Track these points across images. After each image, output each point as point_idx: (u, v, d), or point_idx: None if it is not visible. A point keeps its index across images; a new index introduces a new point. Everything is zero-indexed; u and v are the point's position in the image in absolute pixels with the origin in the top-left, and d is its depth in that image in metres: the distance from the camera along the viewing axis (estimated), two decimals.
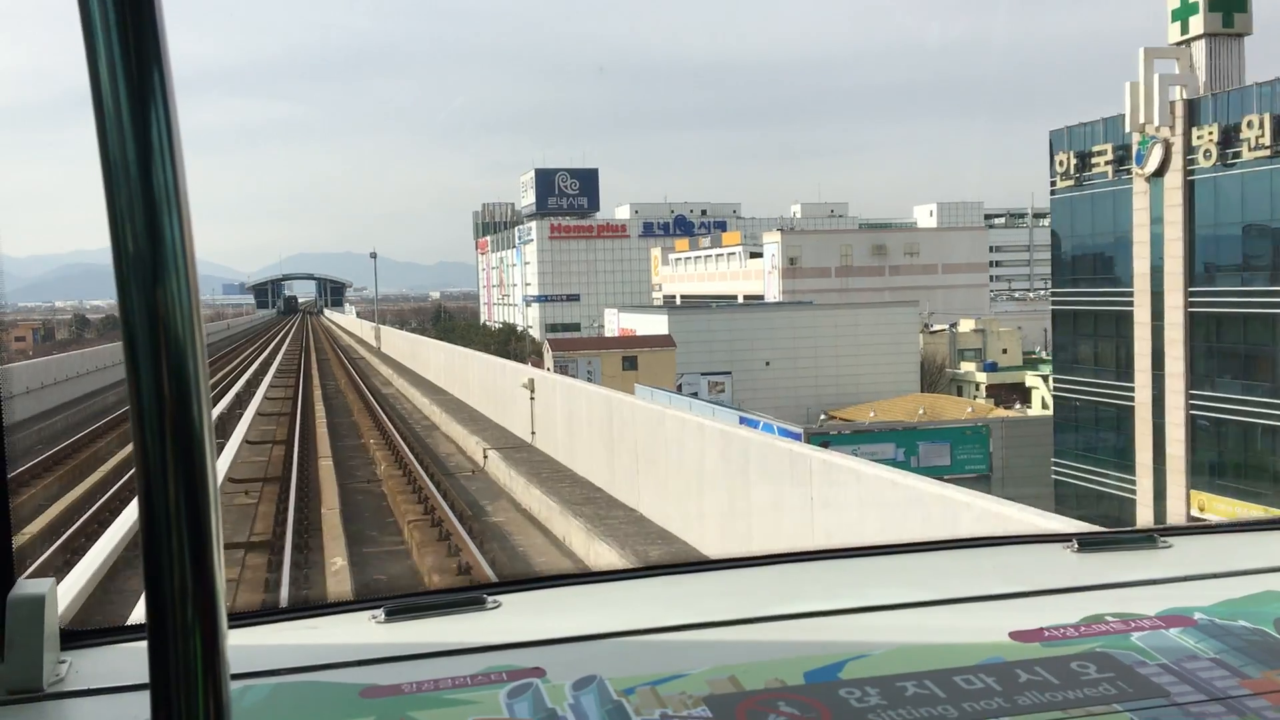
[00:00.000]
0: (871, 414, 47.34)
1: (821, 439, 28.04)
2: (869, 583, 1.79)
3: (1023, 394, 59.41)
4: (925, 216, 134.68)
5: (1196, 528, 2.13)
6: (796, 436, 27.61)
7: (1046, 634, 1.43)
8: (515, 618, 1.55)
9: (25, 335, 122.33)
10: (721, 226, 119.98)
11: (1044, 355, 71.94)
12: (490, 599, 1.59)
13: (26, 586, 1.27)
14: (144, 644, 0.68)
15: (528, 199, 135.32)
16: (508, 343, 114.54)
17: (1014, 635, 1.43)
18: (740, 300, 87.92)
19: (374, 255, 57.60)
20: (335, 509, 17.66)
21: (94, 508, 17.33)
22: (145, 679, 0.68)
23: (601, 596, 1.77)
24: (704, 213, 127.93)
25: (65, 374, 39.19)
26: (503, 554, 14.60)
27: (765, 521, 11.53)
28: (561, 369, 46.28)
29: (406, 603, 1.56)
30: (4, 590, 1.26)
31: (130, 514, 14.71)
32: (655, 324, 60.24)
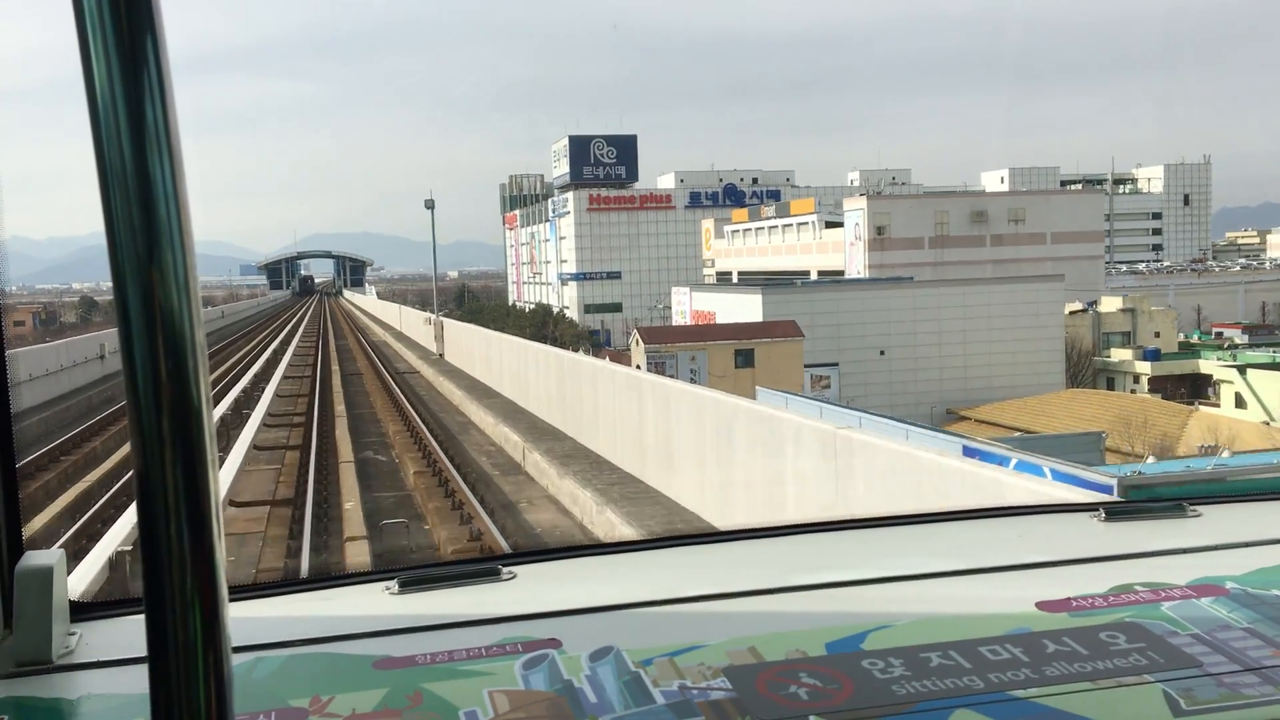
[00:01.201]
0: (982, 430, 36.76)
1: (1148, 492, 17.24)
2: (891, 553, 1.75)
3: (1192, 387, 48.85)
4: (995, 183, 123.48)
5: (1226, 497, 2.03)
6: (1106, 490, 16.76)
7: (1074, 604, 1.40)
8: (530, 589, 1.52)
9: (25, 320, 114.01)
10: (775, 196, 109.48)
11: (1200, 339, 61.32)
12: (505, 570, 1.56)
13: (35, 558, 1.26)
14: None
15: (560, 169, 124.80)
16: (544, 325, 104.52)
17: (1041, 605, 1.40)
18: (814, 277, 77.56)
19: (430, 204, 39.19)
20: None
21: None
22: None
23: (617, 567, 1.73)
24: (755, 181, 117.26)
25: (45, 367, 29.80)
26: None
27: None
28: (656, 366, 35.91)
29: (420, 574, 1.52)
30: (13, 562, 1.26)
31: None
32: (744, 305, 49.78)
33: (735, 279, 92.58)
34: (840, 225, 77.20)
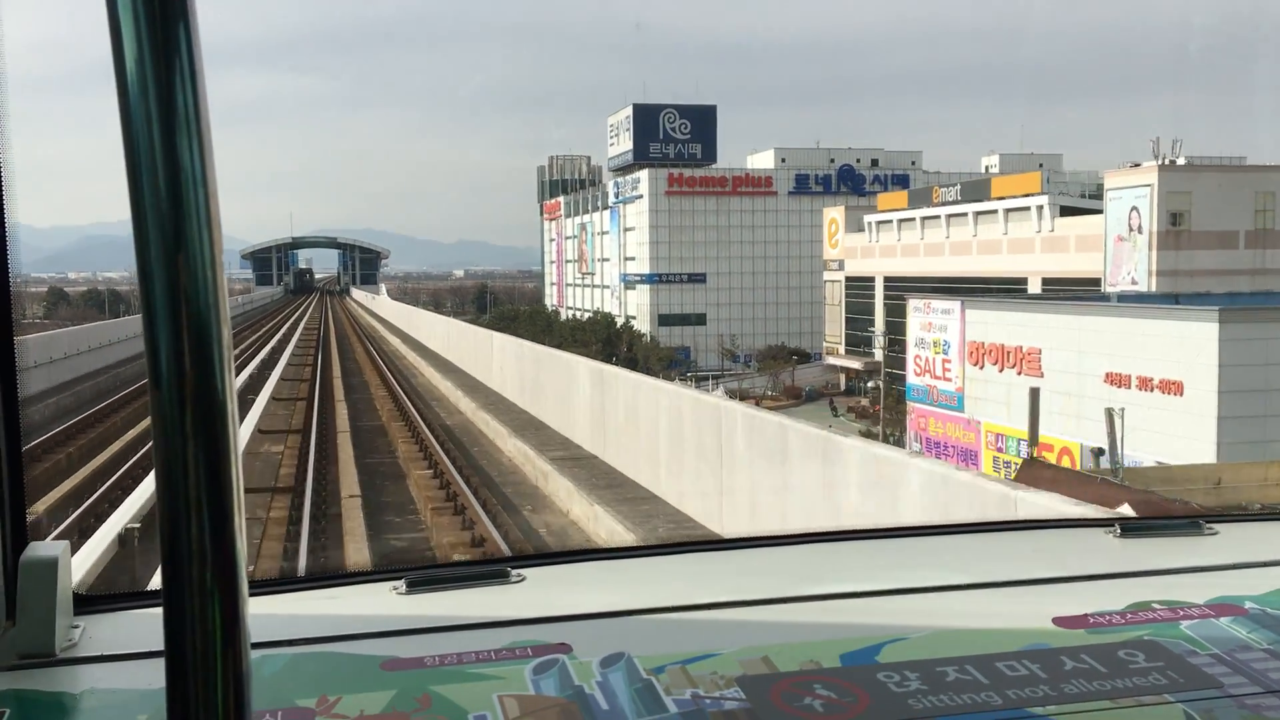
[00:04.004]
0: None
1: None
2: (905, 565, 1.73)
3: None
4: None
5: (1243, 515, 2.02)
6: None
7: (1092, 620, 1.39)
8: (539, 592, 1.52)
9: None
10: (902, 181, 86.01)
11: None
12: (514, 572, 1.54)
13: (39, 549, 1.26)
14: (159, 610, 0.66)
15: (620, 146, 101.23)
16: (610, 342, 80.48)
17: (1058, 621, 1.39)
18: (1036, 288, 53.79)
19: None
20: None
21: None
22: (159, 646, 0.66)
23: (628, 573, 1.71)
24: (875, 163, 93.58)
25: None
26: None
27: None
28: None
29: (428, 574, 1.51)
30: (17, 553, 1.25)
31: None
32: (1150, 338, 26.14)
33: (880, 288, 68.52)
34: (1080, 213, 53.44)
